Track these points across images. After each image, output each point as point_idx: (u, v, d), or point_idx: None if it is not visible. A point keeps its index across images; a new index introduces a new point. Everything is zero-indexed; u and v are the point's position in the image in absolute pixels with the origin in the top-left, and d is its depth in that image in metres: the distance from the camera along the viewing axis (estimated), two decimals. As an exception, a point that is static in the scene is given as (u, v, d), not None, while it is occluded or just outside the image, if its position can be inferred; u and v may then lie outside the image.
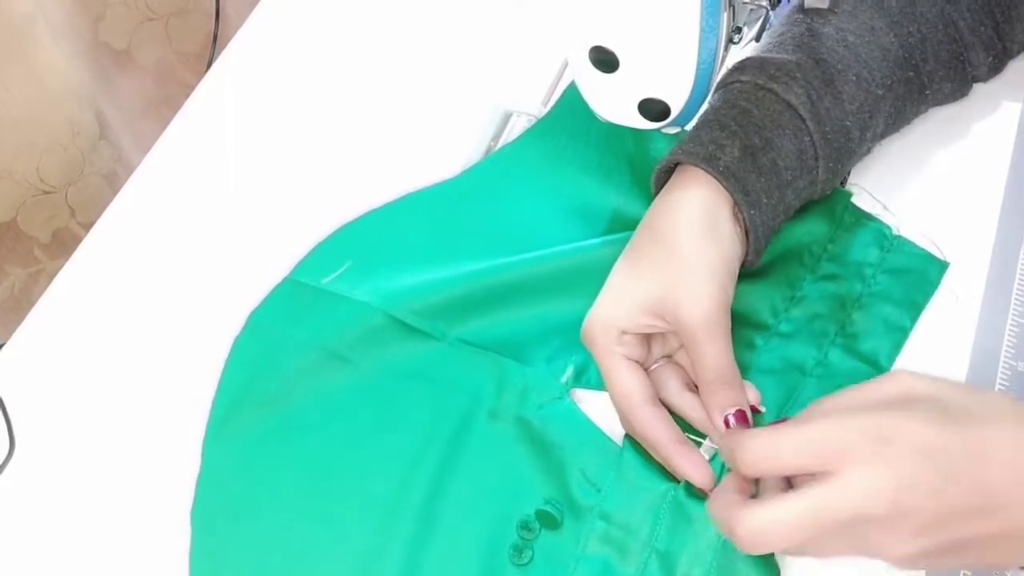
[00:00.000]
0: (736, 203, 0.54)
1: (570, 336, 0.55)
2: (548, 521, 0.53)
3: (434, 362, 0.58)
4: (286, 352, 0.59)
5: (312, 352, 0.59)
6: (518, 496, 0.53)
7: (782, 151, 0.55)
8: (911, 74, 0.58)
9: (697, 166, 0.54)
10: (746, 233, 0.55)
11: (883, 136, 0.60)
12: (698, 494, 0.52)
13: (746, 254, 0.55)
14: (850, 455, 0.40)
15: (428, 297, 0.59)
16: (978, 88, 0.62)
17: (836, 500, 0.40)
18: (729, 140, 0.54)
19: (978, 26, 0.59)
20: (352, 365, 0.58)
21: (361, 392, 0.57)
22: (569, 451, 0.54)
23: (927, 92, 0.59)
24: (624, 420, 0.54)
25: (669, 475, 0.52)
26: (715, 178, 0.53)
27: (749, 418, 0.51)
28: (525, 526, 0.52)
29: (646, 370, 0.54)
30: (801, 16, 0.58)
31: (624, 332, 0.53)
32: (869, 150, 0.60)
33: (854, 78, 0.56)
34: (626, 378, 0.53)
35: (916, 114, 0.61)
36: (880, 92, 0.57)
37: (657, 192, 0.57)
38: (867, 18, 0.57)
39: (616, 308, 0.53)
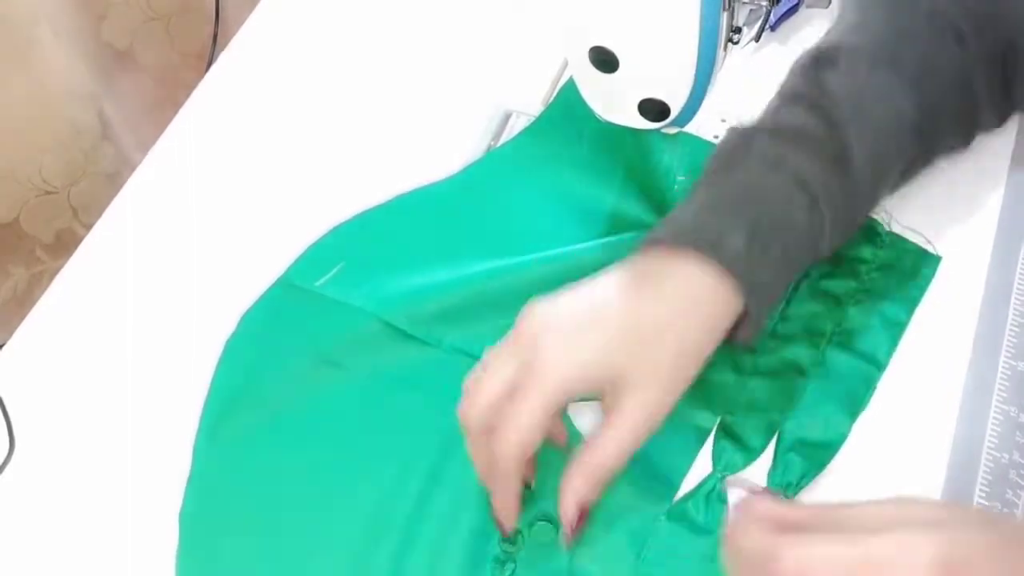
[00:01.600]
0: (742, 295, 0.48)
1: None
2: (542, 534, 0.52)
3: (428, 370, 0.57)
4: (279, 356, 0.58)
5: (305, 357, 0.58)
6: None
7: (792, 232, 0.50)
8: (921, 142, 0.54)
9: (701, 251, 0.48)
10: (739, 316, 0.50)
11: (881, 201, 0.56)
12: (688, 517, 0.51)
13: (735, 335, 0.50)
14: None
15: (423, 303, 0.58)
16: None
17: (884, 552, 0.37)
18: (735, 221, 0.49)
19: (992, 77, 0.55)
20: (345, 371, 0.57)
21: (353, 398, 0.57)
22: (556, 467, 0.51)
23: (931, 156, 0.56)
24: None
25: (656, 499, 0.52)
26: (722, 271, 0.48)
27: (586, 517, 0.48)
28: (508, 539, 0.52)
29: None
30: (811, 64, 0.54)
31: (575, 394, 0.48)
32: (866, 217, 0.57)
33: (867, 152, 0.51)
34: (537, 434, 0.47)
35: (914, 176, 0.57)
36: (891, 163, 0.53)
37: (641, 253, 0.50)
38: (884, 76, 0.52)
39: (576, 369, 0.47)
